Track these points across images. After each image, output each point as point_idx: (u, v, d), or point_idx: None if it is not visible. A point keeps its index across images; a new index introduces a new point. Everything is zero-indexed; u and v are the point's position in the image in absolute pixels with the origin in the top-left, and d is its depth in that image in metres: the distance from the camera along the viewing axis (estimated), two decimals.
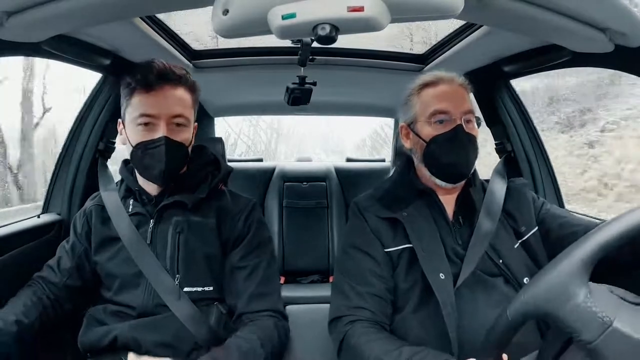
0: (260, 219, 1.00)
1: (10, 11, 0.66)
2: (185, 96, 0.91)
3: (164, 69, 0.88)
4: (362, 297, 0.86)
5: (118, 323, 0.88)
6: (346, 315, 0.86)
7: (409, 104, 0.95)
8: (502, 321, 0.54)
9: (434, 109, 0.89)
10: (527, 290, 0.52)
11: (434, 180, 0.92)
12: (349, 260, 0.92)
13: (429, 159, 0.90)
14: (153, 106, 0.87)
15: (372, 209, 0.94)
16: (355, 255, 0.91)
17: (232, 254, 0.93)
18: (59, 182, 1.30)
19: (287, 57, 1.30)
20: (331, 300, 0.93)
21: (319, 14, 0.54)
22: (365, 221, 0.93)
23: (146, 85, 0.87)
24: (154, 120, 0.87)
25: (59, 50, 0.90)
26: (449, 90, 0.90)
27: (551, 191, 1.41)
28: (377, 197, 0.96)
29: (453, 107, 0.88)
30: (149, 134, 0.87)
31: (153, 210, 0.93)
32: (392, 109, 1.98)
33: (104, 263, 0.93)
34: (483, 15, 0.73)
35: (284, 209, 2.04)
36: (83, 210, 1.01)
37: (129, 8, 0.71)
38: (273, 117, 8.23)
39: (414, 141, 0.94)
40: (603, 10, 0.67)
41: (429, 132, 0.89)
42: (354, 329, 0.83)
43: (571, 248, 0.52)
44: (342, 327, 0.85)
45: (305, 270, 2.01)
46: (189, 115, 0.91)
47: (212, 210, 0.95)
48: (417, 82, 0.95)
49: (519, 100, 1.38)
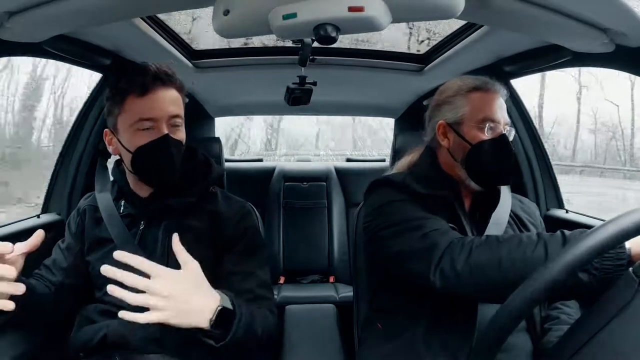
0: (254, 224, 0.98)
1: (11, 11, 0.66)
2: (177, 95, 0.91)
3: (157, 71, 0.87)
4: (437, 222, 0.79)
5: (107, 321, 0.88)
6: (430, 237, 0.76)
7: (454, 103, 0.93)
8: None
9: (486, 115, 0.89)
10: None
11: (469, 182, 0.91)
12: (397, 213, 0.84)
13: (472, 163, 0.90)
14: (152, 109, 0.86)
15: (411, 184, 0.88)
16: (404, 205, 0.84)
17: (225, 259, 0.92)
18: (59, 182, 1.30)
19: (287, 57, 1.30)
20: (396, 252, 0.81)
21: (319, 14, 0.54)
22: (404, 192, 0.87)
23: (141, 89, 0.86)
24: (154, 123, 0.86)
25: (59, 50, 0.90)
26: (497, 99, 0.91)
27: (551, 191, 1.42)
28: (413, 176, 0.91)
29: (501, 116, 0.89)
30: (150, 137, 0.87)
31: (143, 212, 0.93)
32: (393, 109, 1.98)
33: (95, 263, 0.93)
34: (483, 15, 0.73)
35: (284, 209, 2.04)
36: (77, 210, 1.01)
37: (129, 8, 0.71)
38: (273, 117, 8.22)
39: (454, 141, 0.93)
40: (603, 10, 0.67)
41: (477, 136, 0.89)
42: (458, 243, 0.72)
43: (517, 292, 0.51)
44: (434, 242, 0.74)
45: (305, 270, 2.01)
46: (182, 115, 0.92)
47: (204, 213, 0.94)
48: (462, 83, 0.94)
49: (519, 100, 1.38)
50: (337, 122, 6.97)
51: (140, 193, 0.95)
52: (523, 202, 1.01)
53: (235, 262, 0.92)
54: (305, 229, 2.02)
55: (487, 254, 0.69)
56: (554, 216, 1.36)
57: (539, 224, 0.98)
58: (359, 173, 2.15)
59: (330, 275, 2.01)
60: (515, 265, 0.66)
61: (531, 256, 0.65)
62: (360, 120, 6.35)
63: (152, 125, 0.86)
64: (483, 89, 0.91)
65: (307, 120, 6.77)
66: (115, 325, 0.87)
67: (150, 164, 0.88)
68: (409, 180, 0.89)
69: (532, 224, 0.96)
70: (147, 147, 0.87)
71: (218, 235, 0.92)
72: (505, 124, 0.90)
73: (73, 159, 1.29)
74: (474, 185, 0.91)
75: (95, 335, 0.88)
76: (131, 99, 0.86)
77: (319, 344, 1.34)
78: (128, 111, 0.87)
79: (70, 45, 0.92)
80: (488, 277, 0.68)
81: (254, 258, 0.94)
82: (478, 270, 0.69)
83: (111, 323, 0.88)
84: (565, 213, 1.36)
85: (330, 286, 1.93)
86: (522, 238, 0.68)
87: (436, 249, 0.73)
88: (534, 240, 0.67)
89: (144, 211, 0.93)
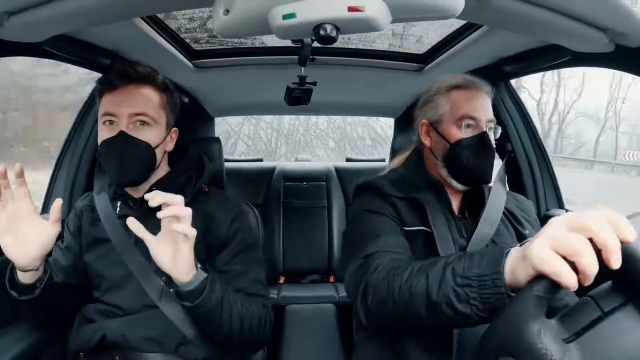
0: (247, 224, 0.99)
1: (11, 11, 0.66)
2: (152, 95, 0.90)
3: (124, 68, 0.88)
4: (385, 243, 0.79)
5: (106, 321, 0.89)
6: (367, 261, 0.78)
7: (434, 102, 0.94)
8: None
9: (464, 112, 0.89)
10: (488, 332, 0.48)
11: (450, 181, 0.92)
12: (364, 223, 0.86)
13: (451, 161, 0.90)
14: (114, 105, 0.87)
15: (388, 188, 0.91)
16: (372, 217, 0.86)
17: (217, 258, 0.93)
18: (59, 182, 1.30)
19: (287, 57, 1.30)
20: (345, 259, 0.87)
21: (319, 14, 0.54)
22: (383, 197, 0.90)
23: (110, 86, 0.87)
24: (115, 118, 0.87)
25: (59, 50, 0.90)
26: (478, 96, 0.90)
27: (551, 191, 1.42)
28: (391, 180, 0.94)
29: (482, 113, 0.89)
30: (110, 133, 0.87)
31: (138, 212, 0.93)
32: (393, 109, 1.98)
33: (92, 263, 0.94)
34: (483, 15, 0.73)
35: (284, 209, 2.04)
36: (74, 210, 1.02)
37: (129, 8, 0.71)
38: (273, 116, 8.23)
39: (435, 140, 0.94)
40: (603, 10, 0.67)
41: (456, 134, 0.89)
42: (382, 265, 0.74)
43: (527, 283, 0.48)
44: (364, 271, 0.76)
45: (305, 270, 2.01)
46: (155, 115, 0.90)
47: (197, 214, 0.94)
48: (444, 82, 0.94)
49: (519, 100, 1.38)
50: None
51: (133, 193, 0.95)
52: (519, 199, 1.00)
53: (227, 262, 0.93)
54: (305, 229, 2.02)
55: (385, 288, 0.68)
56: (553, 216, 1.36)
57: (534, 221, 0.97)
58: (359, 173, 2.15)
59: (330, 275, 2.01)
60: (403, 297, 0.65)
61: (415, 288, 0.64)
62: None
63: (113, 120, 0.87)
64: (462, 86, 0.91)
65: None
66: (114, 325, 0.88)
67: (107, 160, 0.88)
68: (388, 185, 0.91)
69: (527, 221, 0.95)
70: (105, 143, 0.87)
71: (210, 236, 0.93)
72: (488, 121, 0.89)
73: (73, 159, 1.29)
74: (455, 184, 0.91)
75: (95, 335, 0.88)
76: (105, 96, 0.88)
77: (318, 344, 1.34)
78: (100, 106, 0.89)
79: (70, 45, 0.92)
80: (388, 311, 0.68)
81: (246, 257, 0.94)
82: (380, 305, 0.69)
83: (110, 322, 0.88)
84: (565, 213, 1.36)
85: (330, 286, 1.93)
86: (429, 268, 0.65)
87: (361, 283, 0.74)
88: (424, 270, 0.65)
89: (138, 211, 0.93)
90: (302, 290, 1.87)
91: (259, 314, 0.89)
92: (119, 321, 0.88)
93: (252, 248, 0.97)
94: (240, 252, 0.94)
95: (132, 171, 0.88)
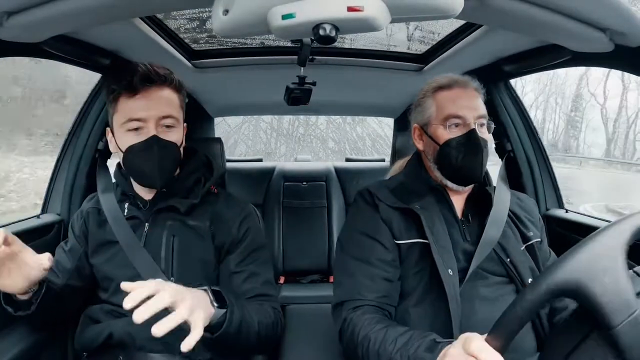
0: (256, 224, 0.99)
1: (10, 11, 0.66)
2: (172, 96, 0.90)
3: (147, 71, 0.87)
4: (370, 279, 0.85)
5: (113, 320, 0.89)
6: (350, 300, 0.85)
7: (422, 105, 0.94)
8: (519, 303, 0.49)
9: (449, 112, 0.89)
10: (566, 259, 0.47)
11: (445, 182, 0.92)
12: (356, 246, 0.90)
13: (442, 162, 0.90)
14: (140, 109, 0.86)
15: (385, 198, 0.92)
16: (364, 241, 0.89)
17: (228, 259, 0.93)
18: (59, 182, 1.30)
19: (287, 57, 1.30)
20: (335, 283, 0.92)
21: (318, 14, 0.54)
22: (377, 209, 0.91)
23: (131, 89, 0.86)
24: (142, 124, 0.86)
25: (59, 50, 0.89)
26: (463, 94, 0.90)
27: (551, 191, 1.42)
28: (390, 188, 0.95)
29: (468, 111, 0.88)
30: (138, 138, 0.86)
31: (148, 214, 0.93)
32: (392, 109, 1.99)
33: (100, 266, 0.94)
34: (483, 15, 0.73)
35: (284, 209, 2.04)
36: (80, 212, 1.01)
37: (129, 8, 0.71)
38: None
39: (426, 143, 0.94)
40: (603, 10, 0.67)
41: (443, 135, 0.89)
42: (357, 315, 0.81)
43: (611, 225, 0.48)
44: (345, 312, 0.84)
45: (305, 270, 2.01)
46: (178, 116, 0.90)
47: (206, 214, 0.94)
48: (430, 84, 0.94)
49: (519, 100, 1.38)
50: None
51: (144, 195, 0.95)
52: (521, 199, 1.00)
53: (238, 263, 0.93)
54: (305, 229, 2.01)
55: (353, 349, 0.80)
56: (553, 216, 1.36)
57: (537, 221, 0.98)
58: (359, 173, 2.15)
59: (330, 275, 2.01)
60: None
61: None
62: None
63: (141, 125, 0.86)
64: (446, 87, 0.91)
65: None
66: (121, 324, 0.87)
67: (138, 164, 0.88)
68: (386, 195, 0.92)
69: (530, 221, 0.95)
70: (135, 148, 0.86)
71: (221, 236, 0.93)
72: (477, 118, 0.89)
73: (73, 159, 1.29)
74: (451, 185, 0.91)
75: (100, 335, 0.88)
76: (123, 99, 0.87)
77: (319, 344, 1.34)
78: (120, 111, 0.87)
79: (69, 45, 0.92)
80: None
81: (256, 258, 0.95)
82: (352, 352, 0.80)
83: (117, 322, 0.88)
84: (565, 213, 1.36)
85: (330, 286, 1.89)
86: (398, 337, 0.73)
87: (337, 322, 0.86)
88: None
89: (148, 213, 0.93)
90: (302, 290, 1.87)
91: (272, 319, 0.89)
92: (126, 320, 0.87)
93: (261, 249, 0.97)
94: (251, 253, 0.94)
95: (167, 173, 0.89)
